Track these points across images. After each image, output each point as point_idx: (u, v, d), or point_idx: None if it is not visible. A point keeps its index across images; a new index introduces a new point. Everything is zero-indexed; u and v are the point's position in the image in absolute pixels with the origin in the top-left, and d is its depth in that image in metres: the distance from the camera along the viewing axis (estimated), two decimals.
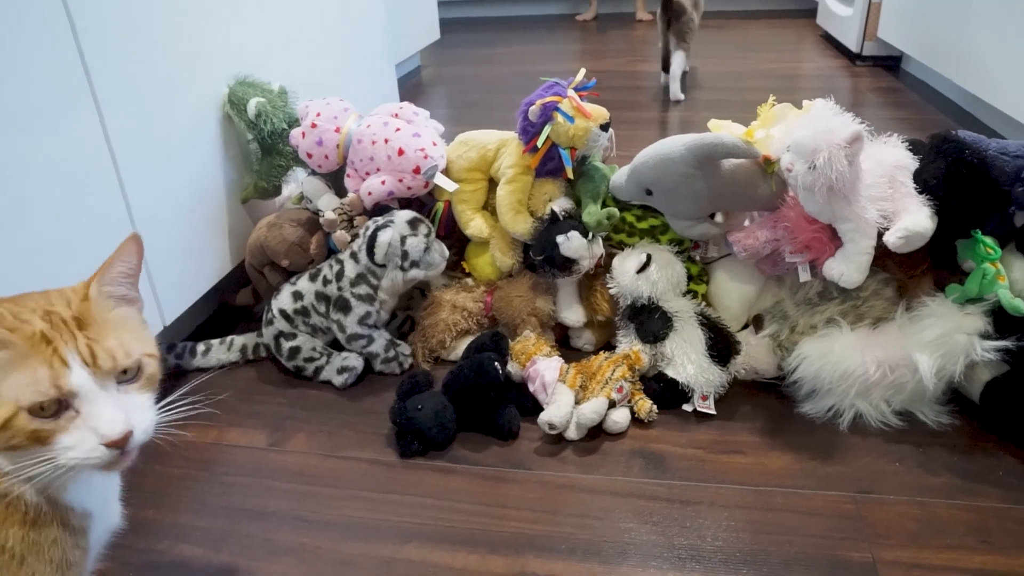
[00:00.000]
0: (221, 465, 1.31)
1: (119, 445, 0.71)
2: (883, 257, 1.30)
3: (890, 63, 3.58)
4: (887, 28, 3.40)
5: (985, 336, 1.23)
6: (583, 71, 1.44)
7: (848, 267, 1.27)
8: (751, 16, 5.19)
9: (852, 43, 3.69)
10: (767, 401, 1.38)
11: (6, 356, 0.67)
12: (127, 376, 0.75)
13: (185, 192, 1.49)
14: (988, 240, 1.25)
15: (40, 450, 0.69)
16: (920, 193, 1.26)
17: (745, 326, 1.46)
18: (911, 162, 1.30)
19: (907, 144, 1.33)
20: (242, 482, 1.26)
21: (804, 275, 1.34)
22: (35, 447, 0.68)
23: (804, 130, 1.22)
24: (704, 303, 1.43)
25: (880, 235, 1.26)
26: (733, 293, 1.45)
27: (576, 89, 1.42)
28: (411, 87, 3.66)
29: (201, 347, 1.54)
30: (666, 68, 3.23)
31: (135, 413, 0.73)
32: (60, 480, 0.72)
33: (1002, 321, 1.23)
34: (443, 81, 3.79)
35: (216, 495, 1.24)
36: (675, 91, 3.11)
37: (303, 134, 1.53)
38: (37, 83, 1.15)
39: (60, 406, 0.69)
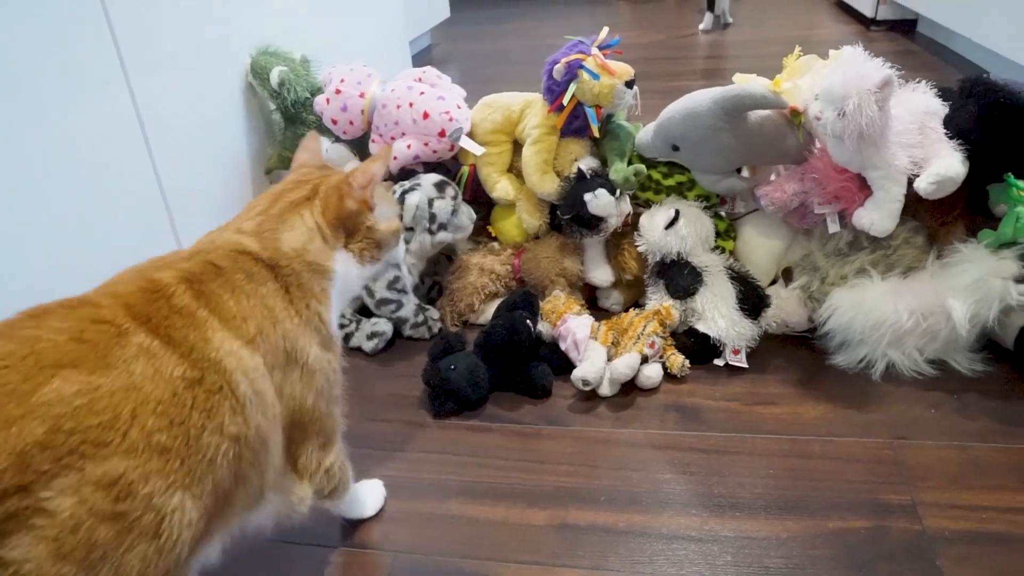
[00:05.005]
0: None
1: None
2: (914, 204, 1.30)
3: (905, 26, 3.53)
4: None
5: (1020, 280, 1.22)
6: (606, 29, 1.43)
7: (879, 215, 1.27)
8: None
9: (866, 8, 3.64)
10: (799, 353, 1.38)
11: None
12: None
13: (211, 164, 1.50)
14: (1022, 183, 1.24)
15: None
16: (951, 138, 1.25)
17: (774, 280, 1.45)
18: (941, 108, 1.29)
19: (936, 91, 1.32)
20: None
21: (833, 226, 1.34)
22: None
23: (833, 76, 1.21)
24: (732, 259, 1.43)
25: (910, 182, 1.25)
26: (761, 249, 1.44)
27: (600, 47, 1.41)
28: (423, 65, 3.65)
29: None
30: (711, 8, 3.82)
31: None
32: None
33: None
34: (455, 59, 3.78)
35: None
36: (727, 14, 3.84)
37: (327, 100, 1.54)
38: (67, 57, 1.16)
39: None
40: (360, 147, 1.61)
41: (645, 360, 1.30)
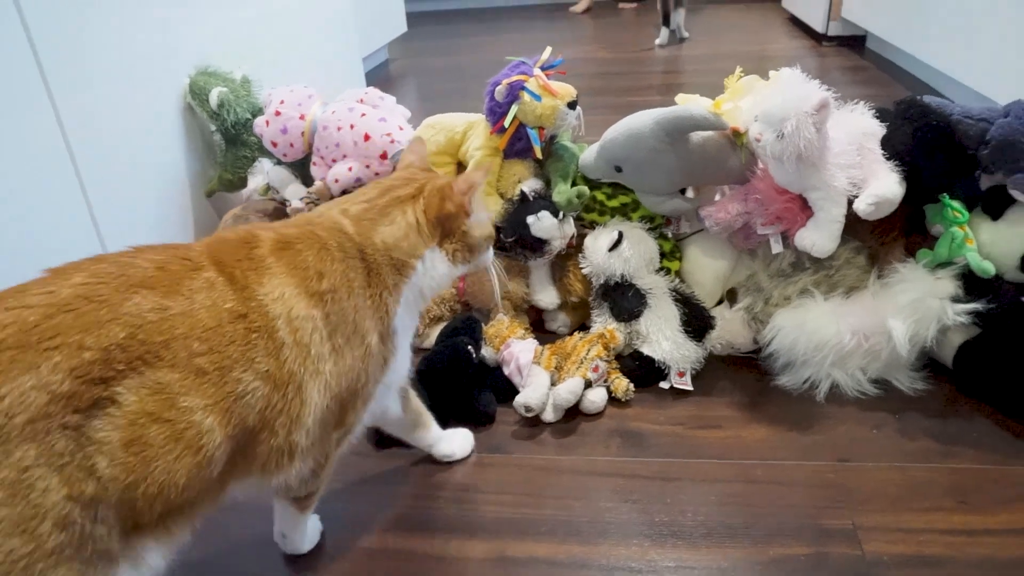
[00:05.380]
0: None
1: None
2: (854, 224, 1.30)
3: (855, 42, 3.60)
4: (851, 8, 3.42)
5: (956, 300, 1.23)
6: (549, 49, 1.42)
7: (819, 236, 1.27)
8: (720, 1, 5.20)
9: (818, 24, 3.70)
10: (744, 375, 1.37)
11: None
12: None
13: (147, 186, 1.46)
14: (956, 204, 1.25)
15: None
16: (888, 159, 1.26)
17: (720, 301, 1.45)
18: (879, 129, 1.30)
19: (874, 112, 1.33)
20: None
21: (776, 247, 1.34)
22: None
23: (772, 99, 1.21)
24: (678, 280, 1.42)
25: (850, 203, 1.25)
26: (707, 269, 1.44)
27: (543, 68, 1.40)
28: (379, 80, 3.62)
29: None
30: (667, 23, 3.90)
31: None
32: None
33: (972, 284, 1.24)
34: (412, 73, 3.76)
35: None
36: (682, 29, 3.96)
37: (267, 122, 1.51)
38: None
39: None
40: (302, 169, 1.58)
41: (589, 385, 1.29)
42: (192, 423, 0.73)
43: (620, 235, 1.36)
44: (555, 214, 1.37)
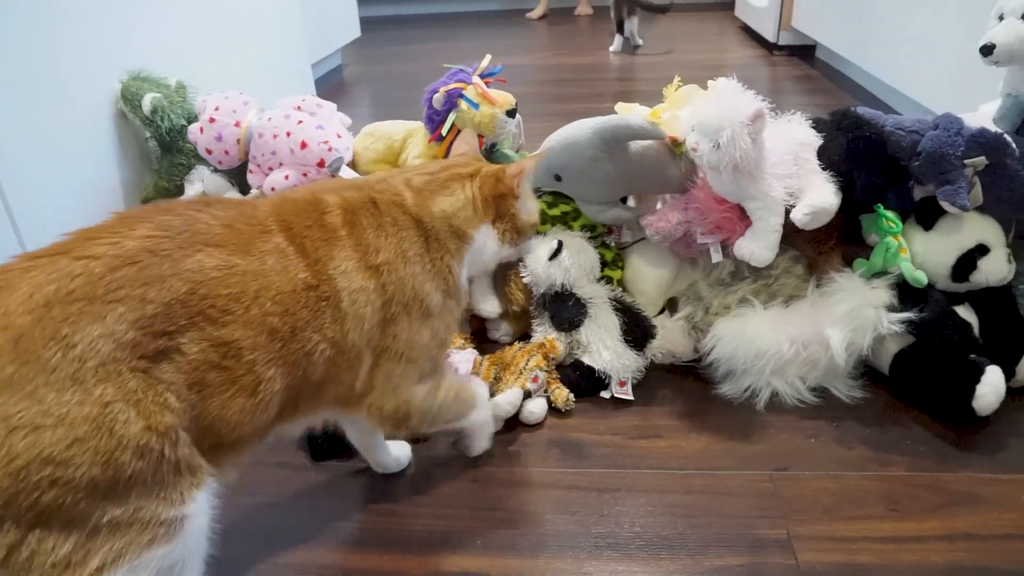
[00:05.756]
0: None
1: None
2: (792, 234, 1.31)
3: (805, 52, 3.66)
4: (800, 18, 3.47)
5: (892, 309, 1.24)
6: (488, 57, 1.41)
7: (757, 245, 1.28)
8: (675, 9, 5.25)
9: (769, 33, 3.76)
10: (685, 384, 1.37)
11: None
12: None
13: (76, 193, 1.41)
14: (890, 214, 1.27)
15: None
16: (824, 169, 1.27)
17: (662, 310, 1.45)
18: (815, 139, 1.31)
19: (811, 122, 1.34)
20: None
21: (716, 256, 1.34)
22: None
23: (708, 109, 1.21)
24: (620, 289, 1.42)
25: (788, 212, 1.26)
26: (649, 277, 1.44)
27: (482, 76, 1.39)
28: (332, 86, 3.58)
29: None
30: (620, 30, 3.93)
31: None
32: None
33: (906, 293, 1.25)
34: (366, 79, 3.73)
35: None
36: (635, 37, 3.98)
37: (201, 129, 1.47)
38: None
39: None
40: (239, 177, 1.55)
41: (528, 395, 1.28)
42: (252, 372, 0.81)
43: (560, 244, 1.36)
44: None
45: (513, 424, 1.28)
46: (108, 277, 0.73)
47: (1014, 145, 1.21)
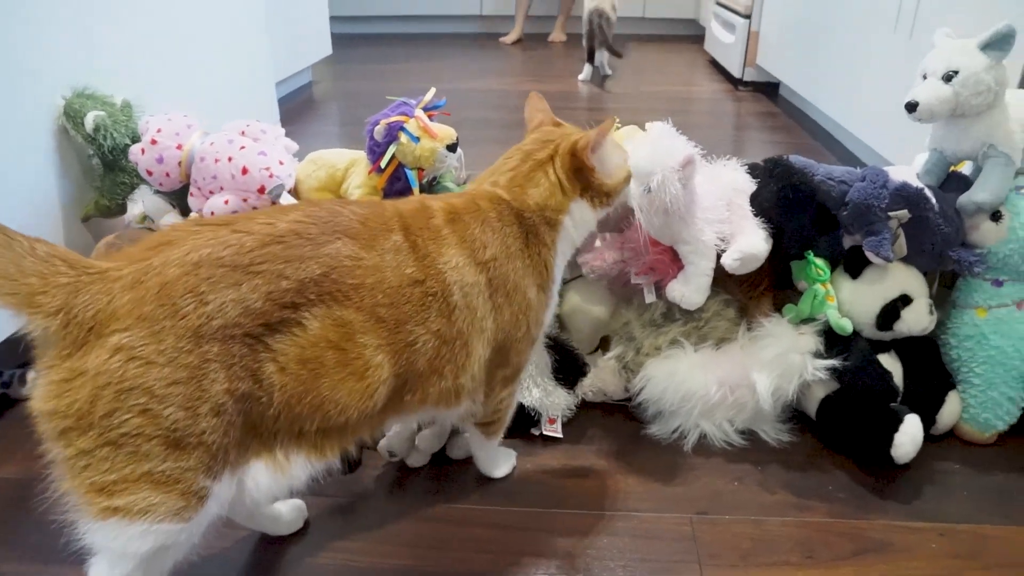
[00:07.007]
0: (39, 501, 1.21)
1: None
2: (724, 278, 1.32)
3: (769, 89, 3.72)
4: (765, 56, 3.53)
5: (818, 355, 1.26)
6: (432, 90, 1.42)
7: (688, 289, 1.29)
8: (646, 40, 5.32)
9: (735, 69, 3.82)
10: (616, 423, 1.38)
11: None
12: None
13: (13, 209, 1.39)
14: (819, 261, 1.29)
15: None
16: (756, 215, 1.29)
17: (596, 348, 1.46)
18: (749, 185, 1.33)
19: (746, 167, 1.36)
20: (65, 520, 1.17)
21: (649, 296, 1.35)
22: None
23: (640, 152, 1.23)
24: (557, 325, 1.42)
25: (719, 256, 1.28)
26: (585, 315, 1.44)
27: (426, 109, 1.40)
28: (301, 103, 3.57)
29: (31, 374, 1.44)
30: (591, 60, 3.97)
31: None
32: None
33: (832, 340, 1.27)
34: (335, 97, 3.73)
35: (29, 534, 1.14)
36: (605, 66, 4.04)
37: (143, 150, 1.46)
38: None
39: None
40: (180, 199, 1.54)
41: (456, 432, 1.27)
42: (363, 356, 0.89)
43: None
44: None
45: (440, 459, 1.28)
46: (256, 252, 0.83)
47: (934, 200, 1.23)
